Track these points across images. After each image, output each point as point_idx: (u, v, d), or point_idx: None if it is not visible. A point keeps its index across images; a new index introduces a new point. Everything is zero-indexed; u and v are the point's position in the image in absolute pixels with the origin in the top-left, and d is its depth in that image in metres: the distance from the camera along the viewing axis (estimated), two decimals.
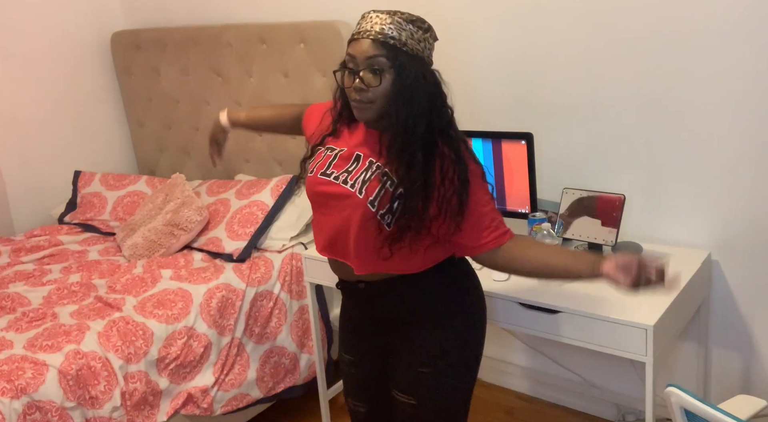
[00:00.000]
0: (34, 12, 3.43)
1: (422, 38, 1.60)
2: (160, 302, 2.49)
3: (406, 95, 1.56)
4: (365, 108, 1.59)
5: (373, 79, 1.56)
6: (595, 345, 2.04)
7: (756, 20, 2.09)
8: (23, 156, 3.45)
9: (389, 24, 1.56)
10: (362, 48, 1.56)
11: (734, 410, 1.58)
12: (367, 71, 1.56)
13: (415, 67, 1.57)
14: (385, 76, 1.56)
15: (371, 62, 1.55)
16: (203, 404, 2.47)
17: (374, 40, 1.55)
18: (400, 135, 1.57)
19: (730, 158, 2.24)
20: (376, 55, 1.55)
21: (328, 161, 1.71)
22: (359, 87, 1.57)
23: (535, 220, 2.32)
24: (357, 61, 1.57)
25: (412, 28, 1.58)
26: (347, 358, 1.95)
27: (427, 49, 1.62)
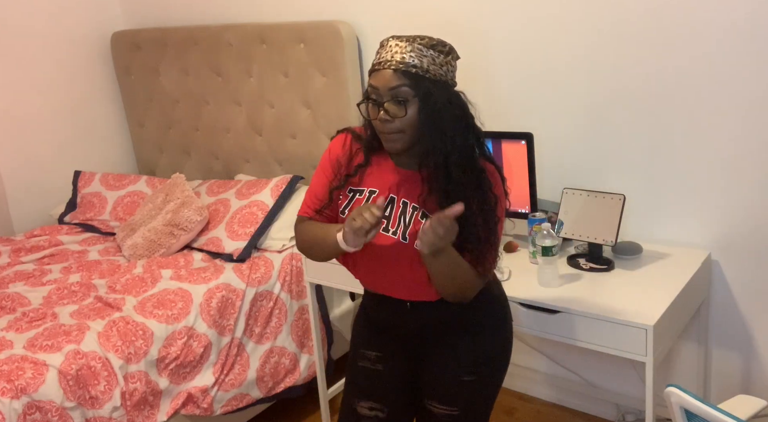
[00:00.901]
0: (34, 12, 3.43)
1: (444, 62, 1.58)
2: (160, 302, 2.49)
3: (436, 122, 1.54)
4: (395, 139, 1.57)
5: (398, 109, 1.53)
6: (595, 345, 2.04)
7: (757, 20, 2.08)
8: (23, 156, 3.45)
9: (410, 52, 1.53)
10: (385, 79, 1.53)
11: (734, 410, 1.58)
12: (392, 102, 1.53)
13: (440, 93, 1.55)
14: (410, 106, 1.53)
15: (395, 93, 1.53)
16: (203, 404, 2.47)
17: (396, 70, 1.53)
18: (441, 159, 1.56)
19: (730, 158, 2.24)
20: (399, 85, 1.52)
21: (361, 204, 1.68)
22: (384, 118, 1.54)
23: (535, 220, 2.32)
24: (380, 92, 1.54)
25: (433, 53, 1.56)
26: (371, 354, 1.85)
27: (450, 72, 1.60)
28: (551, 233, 2.15)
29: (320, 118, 3.01)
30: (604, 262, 2.29)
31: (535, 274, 2.23)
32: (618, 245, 2.29)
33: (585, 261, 2.31)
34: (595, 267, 2.28)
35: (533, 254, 2.34)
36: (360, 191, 1.70)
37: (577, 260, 2.32)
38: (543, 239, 2.14)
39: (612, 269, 2.27)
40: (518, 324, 2.18)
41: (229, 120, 3.36)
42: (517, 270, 2.31)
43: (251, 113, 3.26)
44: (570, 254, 2.38)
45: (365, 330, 1.90)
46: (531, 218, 2.34)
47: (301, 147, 3.13)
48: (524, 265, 2.35)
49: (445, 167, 1.56)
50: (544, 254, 2.16)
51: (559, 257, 2.24)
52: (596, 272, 2.26)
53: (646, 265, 2.28)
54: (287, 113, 3.12)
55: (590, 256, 2.32)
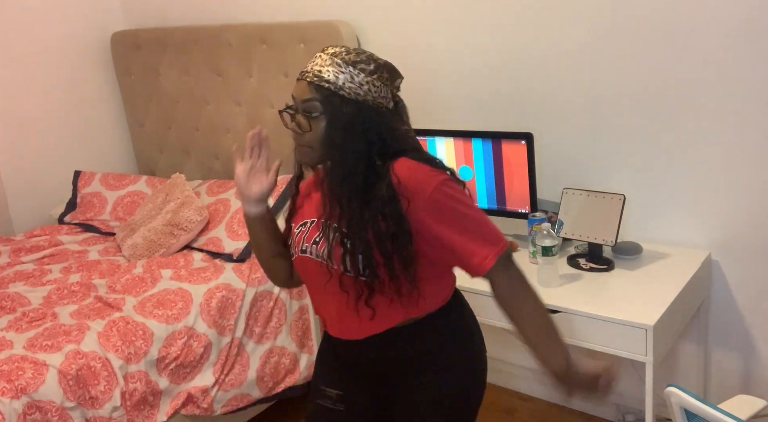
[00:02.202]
0: (34, 12, 3.43)
1: (365, 81, 1.46)
2: (160, 302, 2.49)
3: (338, 142, 1.46)
4: (304, 152, 1.53)
5: (304, 123, 1.48)
6: (595, 345, 2.04)
7: (756, 20, 2.08)
8: (23, 156, 3.45)
9: (328, 66, 1.46)
10: (300, 90, 1.48)
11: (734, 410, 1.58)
12: (302, 115, 1.48)
13: (350, 112, 1.45)
14: (318, 122, 1.47)
15: (306, 106, 1.47)
16: (203, 404, 2.47)
17: (310, 83, 1.46)
18: (336, 186, 1.46)
19: (730, 158, 2.24)
20: (310, 99, 1.46)
21: (303, 235, 1.60)
22: (294, 130, 1.50)
23: (535, 220, 2.32)
24: (295, 102, 1.50)
25: (353, 70, 1.46)
26: (332, 392, 1.72)
27: (372, 91, 1.47)
28: (551, 233, 2.15)
29: None
30: (604, 262, 2.29)
31: (535, 274, 2.23)
32: (618, 245, 2.29)
33: (585, 261, 2.31)
34: (595, 267, 2.28)
35: (533, 254, 2.34)
36: (303, 224, 1.61)
37: (577, 260, 2.32)
38: (543, 239, 2.14)
39: (612, 269, 2.27)
40: None
41: (229, 120, 3.36)
42: None
43: (251, 113, 3.25)
44: (570, 254, 2.39)
45: (327, 365, 1.77)
46: (531, 218, 2.34)
47: None
48: (524, 265, 2.34)
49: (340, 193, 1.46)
50: (544, 254, 2.16)
51: (559, 257, 2.24)
52: (596, 272, 2.26)
53: (646, 265, 2.29)
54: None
55: (590, 256, 2.32)
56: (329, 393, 1.73)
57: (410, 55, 2.80)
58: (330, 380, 1.74)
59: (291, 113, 1.51)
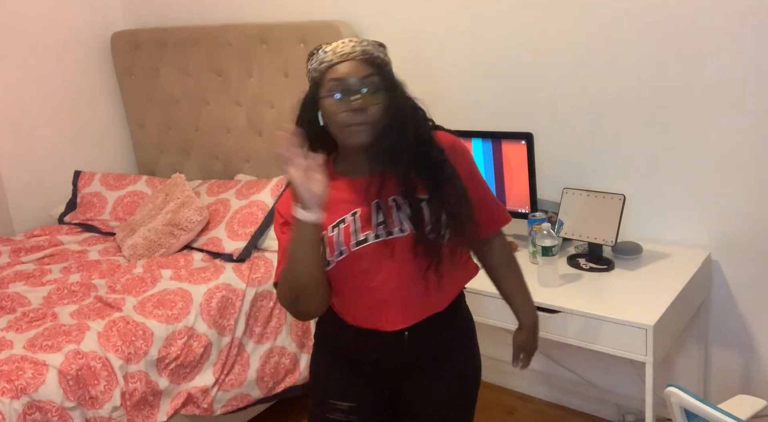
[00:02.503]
0: (34, 12, 3.43)
1: (388, 58, 1.56)
2: (160, 302, 2.49)
3: (401, 110, 1.50)
4: (364, 130, 1.48)
5: (371, 98, 1.46)
6: (595, 344, 2.04)
7: (756, 21, 2.08)
8: (23, 156, 3.45)
9: (366, 46, 1.50)
10: (351, 69, 1.47)
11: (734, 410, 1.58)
12: (368, 91, 1.47)
13: (399, 82, 1.53)
14: (380, 94, 1.48)
15: (368, 81, 1.47)
16: (203, 404, 2.47)
17: (363, 60, 1.48)
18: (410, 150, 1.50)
19: (730, 158, 2.24)
20: (369, 75, 1.47)
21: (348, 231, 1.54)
22: (359, 106, 1.45)
23: (535, 220, 2.32)
24: (348, 83, 1.46)
25: (378, 47, 1.54)
26: (344, 406, 1.69)
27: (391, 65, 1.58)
28: (551, 233, 2.15)
29: None
30: (604, 262, 2.29)
31: (535, 274, 2.23)
32: (618, 245, 2.29)
33: (585, 261, 2.31)
34: (595, 267, 2.28)
35: (533, 254, 2.34)
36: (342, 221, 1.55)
37: (577, 260, 2.32)
38: (543, 239, 2.14)
39: (612, 269, 2.27)
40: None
41: (229, 120, 3.36)
42: None
43: (251, 113, 3.25)
44: (570, 254, 2.39)
45: (331, 375, 1.72)
46: (531, 218, 2.34)
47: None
48: (524, 265, 2.32)
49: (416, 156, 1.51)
50: (544, 254, 2.16)
51: (559, 257, 2.24)
52: (596, 272, 2.26)
53: (646, 265, 2.29)
54: (287, 113, 3.10)
55: (590, 256, 2.32)
56: (340, 406, 1.70)
57: (410, 55, 2.80)
58: (339, 392, 1.70)
59: (350, 92, 1.46)
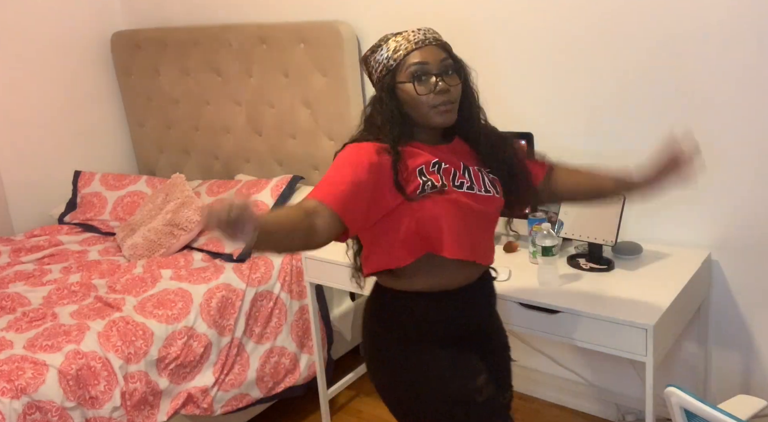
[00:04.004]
0: (34, 12, 3.43)
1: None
2: (160, 302, 2.49)
3: (471, 90, 1.70)
4: (450, 109, 1.62)
5: (451, 79, 1.62)
6: (595, 345, 2.04)
7: (757, 21, 2.08)
8: (23, 156, 3.45)
9: (434, 33, 1.67)
10: (434, 53, 1.61)
11: (734, 410, 1.58)
12: (447, 73, 1.62)
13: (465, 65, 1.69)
14: (457, 76, 1.64)
15: (446, 64, 1.62)
16: (203, 404, 2.47)
17: (439, 46, 1.63)
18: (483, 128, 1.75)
19: (730, 158, 2.24)
20: (446, 58, 1.63)
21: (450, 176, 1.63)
22: (444, 88, 1.59)
23: (535, 220, 2.32)
24: (430, 66, 1.60)
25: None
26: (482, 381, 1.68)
27: None
28: (551, 233, 2.15)
29: (320, 118, 3.01)
30: (604, 262, 2.29)
31: (535, 274, 2.23)
32: (618, 245, 2.29)
33: (585, 261, 2.31)
34: (595, 267, 2.28)
35: (533, 254, 2.34)
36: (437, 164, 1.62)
37: (577, 260, 2.32)
38: (543, 239, 2.14)
39: (612, 269, 2.27)
40: (518, 324, 2.18)
41: (229, 120, 3.36)
42: (517, 270, 2.30)
43: (251, 113, 3.26)
44: (570, 254, 2.38)
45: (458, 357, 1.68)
46: (531, 218, 2.34)
47: (301, 147, 3.13)
48: (524, 265, 2.35)
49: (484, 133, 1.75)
50: (544, 254, 2.16)
51: (559, 257, 2.24)
52: (596, 272, 2.26)
53: (646, 265, 2.28)
54: (287, 113, 3.12)
55: (590, 256, 2.32)
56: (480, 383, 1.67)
57: None
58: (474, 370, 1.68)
59: (429, 75, 1.60)
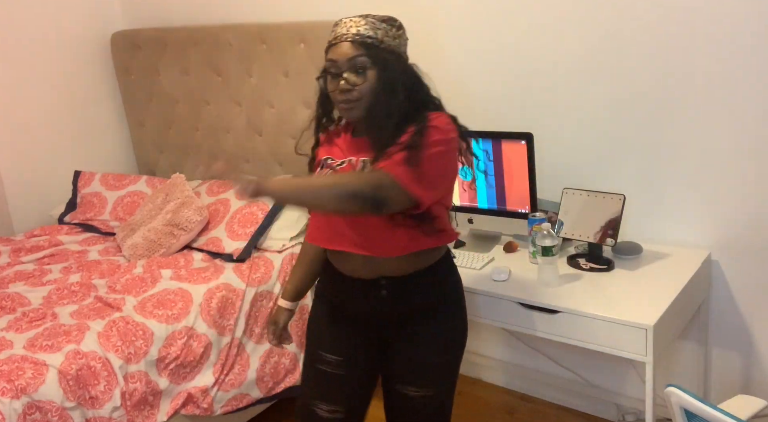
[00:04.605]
0: (34, 12, 3.43)
1: (397, 35, 1.68)
2: (160, 302, 2.49)
3: (389, 88, 1.63)
4: (353, 107, 1.65)
5: (357, 78, 1.63)
6: (595, 345, 2.04)
7: (757, 21, 2.09)
8: (23, 156, 3.45)
9: (364, 25, 1.65)
10: (342, 51, 1.64)
11: (734, 410, 1.58)
12: (350, 72, 1.63)
13: (396, 62, 1.66)
14: (368, 74, 1.63)
15: (353, 63, 1.63)
16: (203, 404, 2.47)
17: (353, 42, 1.63)
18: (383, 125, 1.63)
19: (730, 158, 2.24)
20: (356, 55, 1.63)
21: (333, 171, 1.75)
22: (345, 88, 1.63)
23: (535, 220, 2.32)
24: (338, 64, 1.64)
25: (386, 26, 1.66)
26: (331, 358, 1.87)
27: (402, 45, 1.71)
28: (551, 233, 2.15)
29: None
30: (604, 262, 2.29)
31: (535, 274, 2.23)
32: (618, 245, 2.29)
33: (585, 261, 2.31)
34: (595, 267, 2.28)
35: (533, 254, 2.34)
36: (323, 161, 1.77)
37: (577, 260, 2.32)
38: (543, 239, 2.14)
39: (612, 269, 2.27)
40: (518, 324, 2.19)
41: (229, 120, 3.36)
42: (517, 270, 2.31)
43: (251, 113, 3.25)
44: (570, 254, 2.39)
45: (326, 329, 1.89)
46: (531, 218, 2.34)
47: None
48: (524, 265, 2.36)
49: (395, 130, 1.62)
50: (544, 254, 2.16)
51: (559, 257, 2.24)
52: (596, 272, 2.26)
53: (646, 265, 2.29)
54: (287, 113, 3.12)
55: (590, 256, 2.32)
56: (329, 358, 1.87)
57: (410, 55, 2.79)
58: (330, 345, 1.87)
59: (336, 74, 1.64)
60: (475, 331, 2.98)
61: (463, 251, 2.48)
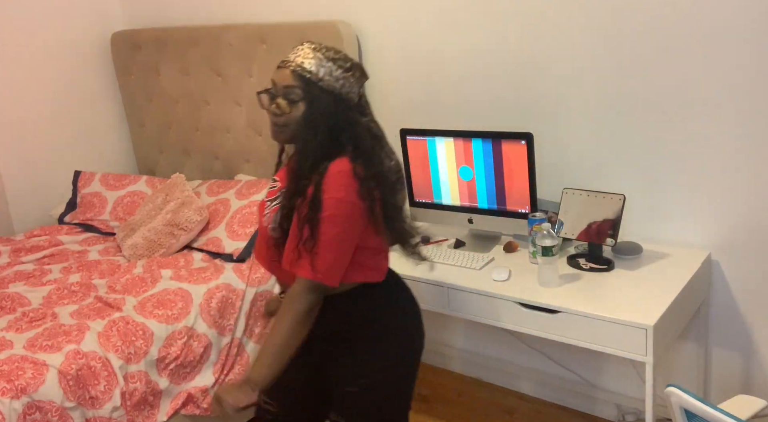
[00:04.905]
0: (34, 12, 3.43)
1: (341, 76, 1.69)
2: (160, 302, 2.49)
3: (312, 126, 1.67)
4: (279, 131, 1.72)
5: (286, 106, 1.68)
6: (595, 345, 2.04)
7: (757, 21, 2.08)
8: (23, 156, 3.45)
9: (310, 58, 1.68)
10: (283, 76, 1.69)
11: (734, 410, 1.58)
12: (282, 98, 1.68)
13: (327, 102, 1.67)
14: (297, 106, 1.67)
15: (287, 91, 1.68)
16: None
17: (293, 71, 1.68)
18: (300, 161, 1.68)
19: (730, 158, 2.24)
20: (292, 86, 1.67)
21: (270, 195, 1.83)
22: (274, 111, 1.70)
23: (535, 220, 2.32)
24: (276, 87, 1.70)
25: (332, 66, 1.68)
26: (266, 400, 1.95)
27: (346, 87, 1.69)
28: (551, 233, 2.15)
29: None
30: (604, 262, 2.29)
31: (535, 274, 2.23)
32: (618, 245, 2.29)
33: (585, 261, 2.31)
34: (595, 267, 2.28)
35: (533, 254, 2.34)
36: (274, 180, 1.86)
37: (577, 260, 2.32)
38: (543, 239, 2.14)
39: (612, 269, 2.27)
40: (518, 324, 2.18)
41: (229, 120, 3.36)
42: (517, 270, 2.31)
43: (251, 113, 3.26)
44: (570, 254, 2.39)
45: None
46: (531, 218, 2.34)
47: None
48: (524, 265, 2.36)
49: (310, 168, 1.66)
50: (544, 254, 2.16)
51: (559, 257, 2.24)
52: (596, 272, 2.26)
53: (646, 265, 2.29)
54: None
55: (590, 256, 2.32)
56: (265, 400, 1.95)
57: (410, 55, 2.80)
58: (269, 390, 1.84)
59: (271, 95, 1.71)
60: (475, 331, 2.98)
61: (463, 251, 2.49)
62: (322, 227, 1.63)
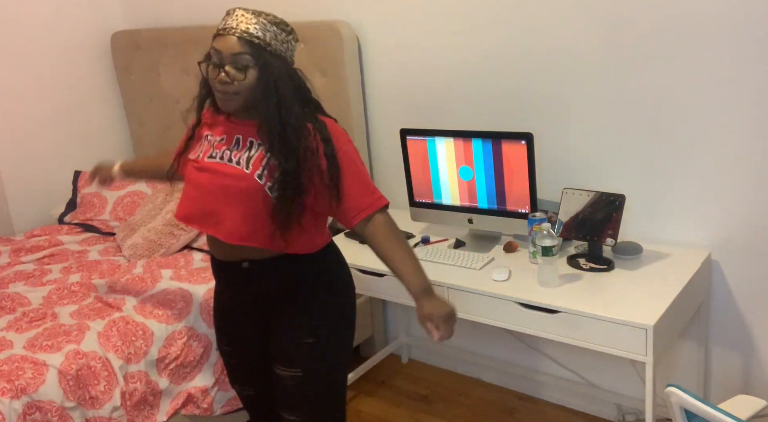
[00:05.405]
0: (34, 12, 3.43)
1: (285, 40, 1.72)
2: (160, 302, 2.49)
3: (272, 89, 1.67)
4: (230, 99, 1.70)
5: (238, 74, 1.66)
6: (595, 344, 2.04)
7: (757, 21, 2.08)
8: (23, 156, 3.45)
9: (254, 24, 1.67)
10: (228, 44, 1.67)
11: (734, 410, 1.58)
12: (232, 67, 1.66)
13: (279, 66, 1.69)
14: (249, 72, 1.67)
15: (237, 59, 1.66)
16: (203, 404, 2.47)
17: (240, 38, 1.66)
18: (276, 122, 1.68)
19: (730, 158, 2.24)
20: (241, 53, 1.66)
21: (211, 146, 1.81)
22: (224, 80, 1.67)
23: (535, 220, 2.32)
24: (222, 56, 1.68)
25: (276, 29, 1.70)
26: (225, 349, 2.05)
27: (290, 50, 1.74)
28: (551, 233, 2.15)
29: None
30: (604, 262, 2.29)
31: (535, 274, 2.23)
32: (618, 245, 2.29)
33: (585, 261, 2.31)
34: (595, 267, 2.28)
35: (533, 254, 2.34)
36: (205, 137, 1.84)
37: (577, 260, 2.32)
38: (543, 239, 2.14)
39: (612, 269, 2.27)
40: (518, 324, 2.18)
41: None
42: (517, 270, 2.31)
43: None
44: (570, 254, 2.39)
45: (217, 315, 2.06)
46: (531, 218, 2.34)
47: None
48: (524, 265, 2.36)
49: (283, 133, 1.68)
50: (544, 254, 2.16)
51: (559, 257, 2.24)
52: (596, 272, 2.26)
53: (646, 265, 2.29)
54: None
55: (590, 256, 2.32)
56: (224, 349, 2.06)
57: (410, 55, 2.80)
58: (221, 331, 2.04)
59: (216, 65, 1.69)
60: (475, 331, 2.98)
61: (463, 251, 2.49)
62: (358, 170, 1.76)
